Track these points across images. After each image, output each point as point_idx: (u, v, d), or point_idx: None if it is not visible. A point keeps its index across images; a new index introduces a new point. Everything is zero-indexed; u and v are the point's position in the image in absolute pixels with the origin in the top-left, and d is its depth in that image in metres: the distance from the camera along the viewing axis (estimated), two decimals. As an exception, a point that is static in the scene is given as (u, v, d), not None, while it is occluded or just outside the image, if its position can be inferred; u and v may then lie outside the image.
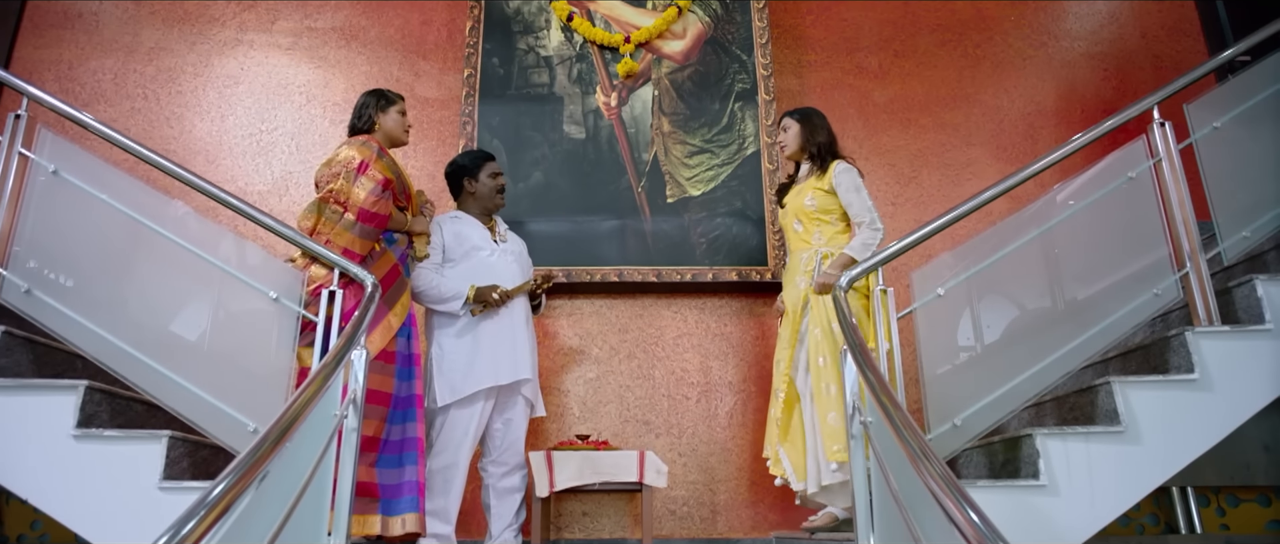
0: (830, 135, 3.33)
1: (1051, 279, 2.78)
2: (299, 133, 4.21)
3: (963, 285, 2.75)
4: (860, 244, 3.06)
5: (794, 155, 3.38)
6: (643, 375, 3.84)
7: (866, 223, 3.10)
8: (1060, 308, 2.76)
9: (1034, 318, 2.75)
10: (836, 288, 2.72)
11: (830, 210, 3.18)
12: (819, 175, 3.23)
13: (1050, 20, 4.51)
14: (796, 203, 3.26)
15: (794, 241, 3.29)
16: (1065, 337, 2.64)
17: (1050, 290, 2.78)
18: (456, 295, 3.07)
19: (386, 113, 3.05)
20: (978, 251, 2.81)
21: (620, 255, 3.87)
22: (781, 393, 3.13)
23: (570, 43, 4.22)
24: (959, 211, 2.79)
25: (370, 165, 2.81)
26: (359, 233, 2.75)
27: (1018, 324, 2.76)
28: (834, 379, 2.92)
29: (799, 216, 3.25)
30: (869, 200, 3.14)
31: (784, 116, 3.44)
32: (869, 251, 3.00)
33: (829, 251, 3.12)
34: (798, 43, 4.40)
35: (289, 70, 4.31)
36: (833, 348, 2.95)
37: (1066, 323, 2.70)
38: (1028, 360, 2.62)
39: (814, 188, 3.21)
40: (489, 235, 3.26)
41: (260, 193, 4.09)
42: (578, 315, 3.92)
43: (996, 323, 2.76)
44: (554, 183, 3.98)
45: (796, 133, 3.33)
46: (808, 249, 3.19)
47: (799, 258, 3.21)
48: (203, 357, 2.58)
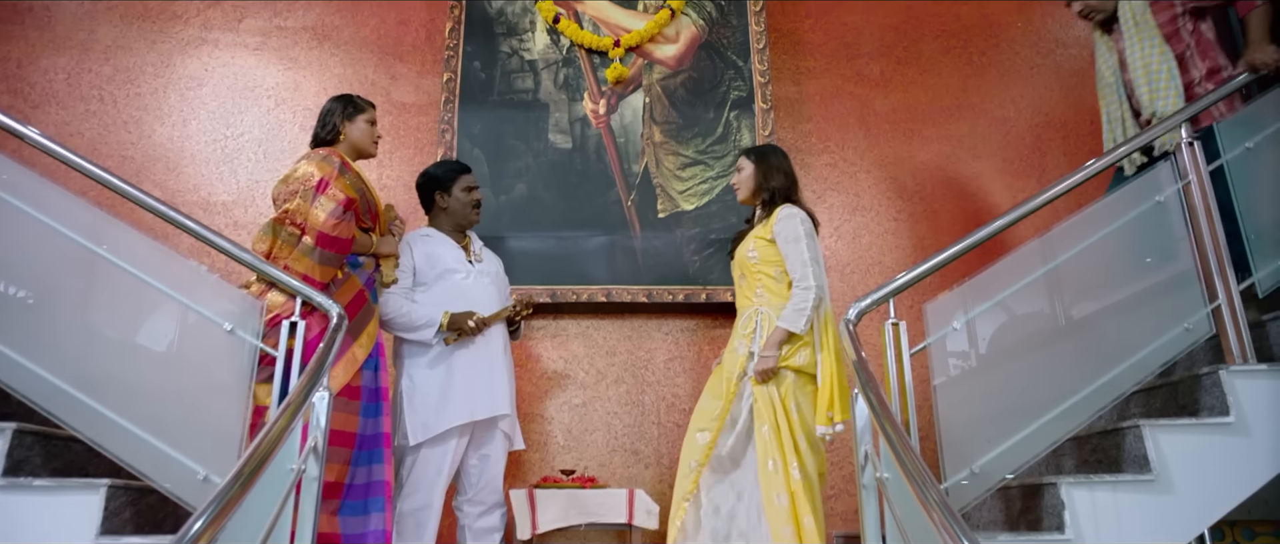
0: (788, 179, 2.97)
1: (1073, 311, 2.58)
2: (267, 139, 3.95)
3: (978, 318, 2.55)
4: (792, 311, 2.71)
5: (747, 200, 3.03)
6: (632, 402, 3.62)
7: (797, 279, 2.75)
8: (1083, 343, 2.56)
9: (1055, 353, 2.55)
10: (845, 320, 2.52)
11: (773, 262, 2.83)
12: (765, 222, 2.90)
13: (1058, 27, 4.32)
14: (740, 254, 2.94)
15: (740, 298, 2.95)
16: (1090, 374, 2.44)
17: (1072, 324, 2.58)
18: (429, 323, 2.83)
19: (353, 122, 2.81)
20: (994, 281, 2.60)
21: (608, 274, 3.64)
22: (708, 434, 2.75)
23: (556, 46, 3.99)
24: (976, 238, 2.59)
25: (330, 183, 2.56)
26: (318, 259, 2.51)
27: (1037, 360, 2.56)
28: (784, 486, 2.59)
29: (742, 269, 2.92)
30: (808, 253, 2.76)
31: (740, 156, 3.12)
32: (803, 319, 2.68)
33: (769, 313, 2.78)
34: (796, 48, 4.19)
35: (256, 72, 4.05)
36: (781, 449, 2.62)
37: (1090, 359, 2.50)
38: (1050, 400, 2.42)
39: (757, 236, 2.88)
40: (463, 255, 3.02)
41: (224, 203, 3.83)
42: (562, 337, 3.70)
43: (1015, 359, 2.56)
44: (538, 196, 3.75)
45: (750, 174, 2.98)
46: (748, 307, 2.86)
47: (743, 316, 2.87)
48: (148, 395, 2.34)
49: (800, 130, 4.05)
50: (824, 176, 3.99)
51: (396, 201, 3.82)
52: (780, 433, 2.64)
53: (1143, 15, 2.97)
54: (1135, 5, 2.99)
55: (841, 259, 3.87)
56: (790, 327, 2.69)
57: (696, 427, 2.79)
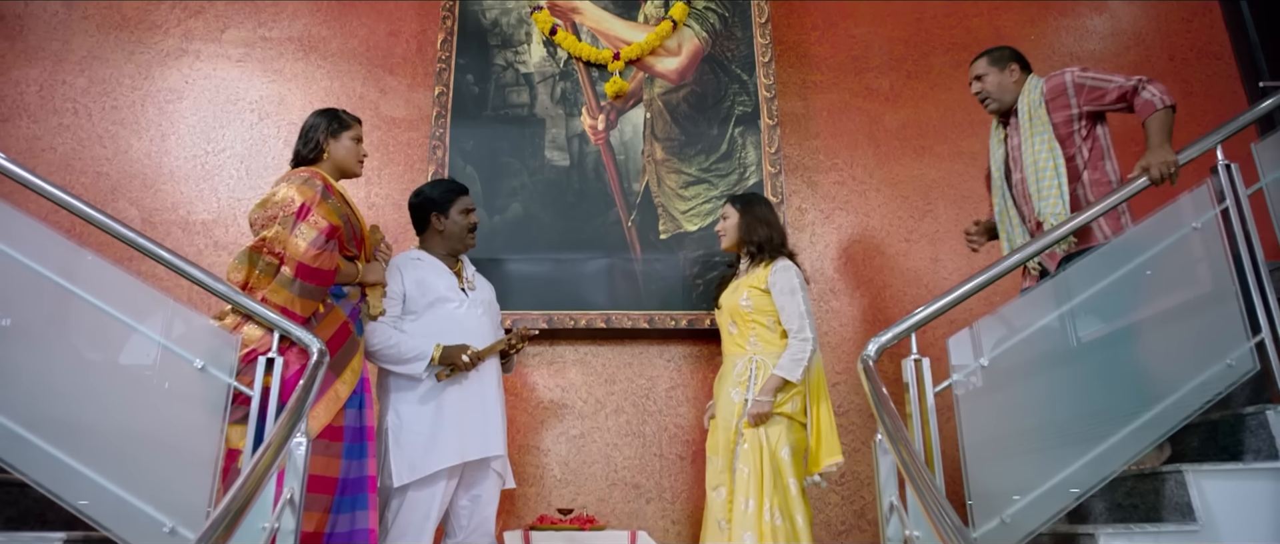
0: (773, 230, 3.04)
1: (1106, 346, 2.41)
2: (249, 155, 3.77)
3: (1007, 354, 2.38)
4: (789, 360, 2.79)
5: (730, 248, 3.11)
6: (632, 432, 3.44)
7: (793, 330, 2.83)
8: (1118, 380, 2.40)
9: (1088, 391, 2.38)
10: (864, 357, 2.36)
11: (767, 312, 2.90)
12: (754, 271, 2.97)
13: (1072, 41, 4.17)
14: (731, 301, 2.98)
15: (729, 345, 3.00)
16: (1127, 414, 2.28)
17: (1105, 359, 2.41)
18: (419, 356, 2.65)
19: (338, 139, 2.63)
20: (1022, 313, 2.44)
21: (608, 298, 3.47)
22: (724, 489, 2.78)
23: (553, 59, 3.82)
24: (1005, 266, 2.43)
25: (312, 209, 2.38)
26: (299, 291, 2.33)
27: (1069, 398, 2.39)
28: (754, 526, 2.63)
29: (733, 317, 2.96)
30: (804, 306, 2.86)
31: (725, 202, 3.16)
32: (800, 369, 2.77)
33: (764, 361, 2.83)
34: (802, 62, 4.03)
35: (239, 84, 3.87)
36: (760, 490, 2.67)
37: (1127, 397, 2.34)
38: (1084, 443, 2.26)
39: (749, 286, 2.94)
40: (456, 282, 2.85)
41: (204, 222, 3.65)
42: (559, 364, 3.52)
43: (1045, 397, 2.39)
44: (534, 215, 3.58)
45: (735, 224, 3.06)
46: (742, 355, 2.90)
47: (732, 365, 2.91)
48: (110, 437, 2.15)
49: (807, 147, 3.89)
50: (832, 195, 3.83)
51: (386, 222, 3.65)
52: (763, 476, 2.68)
53: (1038, 111, 2.74)
54: (1032, 100, 2.77)
55: (850, 282, 3.71)
56: (788, 376, 2.76)
57: (711, 484, 2.82)
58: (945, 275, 3.73)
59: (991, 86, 2.88)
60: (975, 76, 2.93)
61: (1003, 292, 3.31)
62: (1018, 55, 2.92)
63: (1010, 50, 2.92)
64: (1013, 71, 2.87)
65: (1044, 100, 2.75)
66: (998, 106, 2.88)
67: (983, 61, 2.92)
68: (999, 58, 2.90)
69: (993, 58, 2.91)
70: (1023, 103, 2.80)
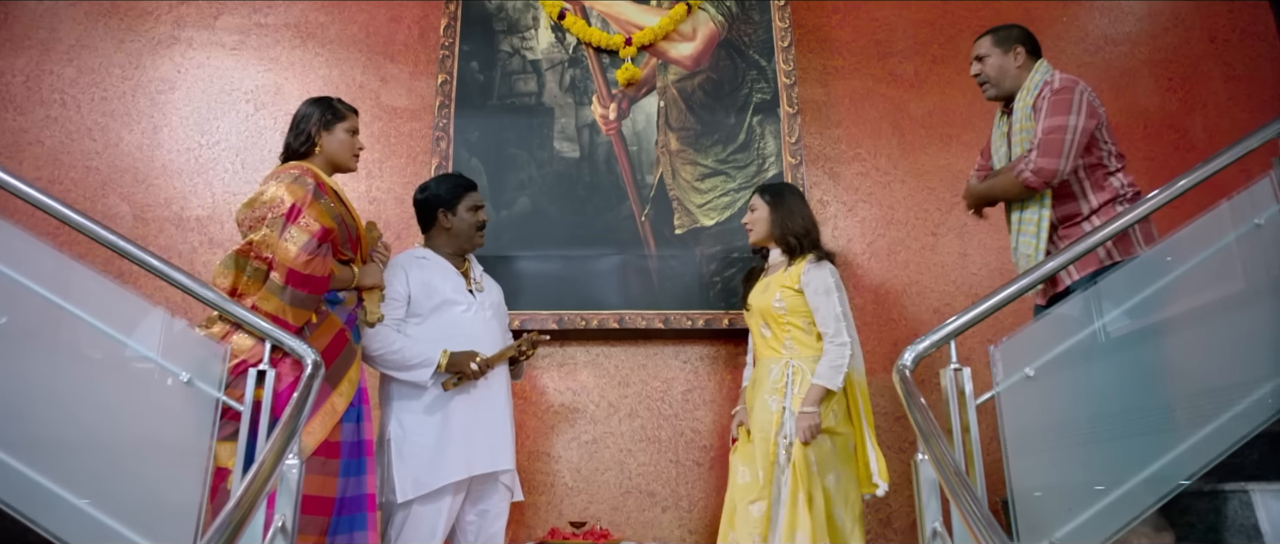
0: (808, 221, 2.84)
1: (1165, 351, 2.23)
2: (245, 147, 3.61)
3: (1054, 362, 2.20)
4: (829, 367, 2.59)
5: (760, 242, 2.89)
6: (647, 437, 3.28)
7: (829, 335, 2.63)
8: (1175, 391, 2.22)
9: (1145, 401, 2.20)
10: (900, 366, 2.18)
11: (802, 313, 2.70)
12: (788, 268, 2.76)
13: (1107, 23, 3.97)
14: (763, 301, 2.77)
15: (762, 349, 2.79)
16: (1184, 429, 2.11)
17: (1164, 365, 2.24)
18: (425, 362, 2.49)
19: (331, 131, 2.46)
20: (1071, 319, 2.26)
21: (621, 297, 3.30)
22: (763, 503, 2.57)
23: (562, 45, 3.64)
24: (1055, 264, 2.25)
25: (303, 210, 2.21)
26: (289, 299, 2.16)
27: (1125, 408, 2.21)
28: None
29: (766, 319, 2.76)
30: (841, 307, 2.66)
31: (753, 194, 2.95)
32: (840, 376, 2.57)
33: (801, 366, 2.65)
34: (823, 46, 3.83)
35: (234, 73, 3.70)
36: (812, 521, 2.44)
37: (1184, 410, 2.17)
38: (1142, 457, 2.09)
39: (783, 285, 2.73)
40: (463, 283, 2.69)
41: (198, 218, 3.49)
42: (570, 366, 3.35)
43: (1099, 407, 2.21)
44: (542, 210, 3.41)
45: (765, 216, 2.85)
46: (777, 360, 2.71)
47: (768, 370, 2.71)
48: (89, 457, 2.00)
49: (828, 136, 3.71)
50: (855, 187, 3.65)
51: (386, 219, 3.48)
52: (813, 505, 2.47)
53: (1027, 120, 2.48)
54: (1025, 103, 2.49)
55: (875, 278, 3.53)
56: (830, 384, 2.57)
57: (746, 498, 2.58)
58: (974, 271, 3.55)
59: (992, 70, 2.60)
60: (976, 56, 2.65)
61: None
62: (1027, 37, 2.62)
63: (1019, 30, 2.64)
64: (1018, 55, 2.58)
65: (1034, 105, 2.47)
66: (996, 93, 2.62)
67: (986, 40, 2.64)
68: (1004, 38, 2.61)
69: (997, 37, 2.62)
70: (1020, 99, 2.53)
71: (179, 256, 3.42)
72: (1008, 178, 2.45)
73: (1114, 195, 2.47)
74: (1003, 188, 2.49)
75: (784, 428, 2.58)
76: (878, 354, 3.43)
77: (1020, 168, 2.39)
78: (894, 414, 3.36)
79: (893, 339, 3.45)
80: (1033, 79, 2.54)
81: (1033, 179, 2.37)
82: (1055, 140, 2.36)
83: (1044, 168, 2.35)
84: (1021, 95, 2.55)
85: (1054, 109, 2.41)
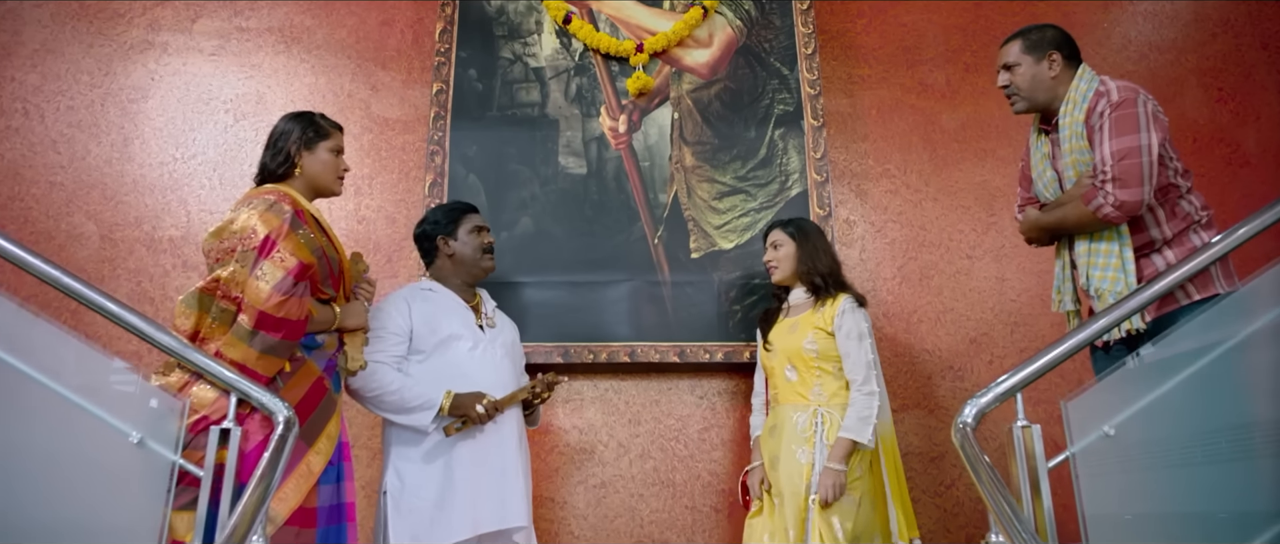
0: (832, 259, 2.70)
1: (1265, 406, 1.96)
2: (223, 161, 3.33)
3: (1136, 419, 1.92)
4: (857, 419, 2.39)
5: (786, 280, 2.69)
6: (661, 481, 3.00)
7: (858, 382, 2.45)
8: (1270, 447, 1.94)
9: (1241, 470, 1.93)
10: (961, 423, 1.90)
11: (833, 357, 2.51)
12: (819, 309, 2.57)
13: (1151, 29, 3.70)
14: (790, 343, 2.54)
15: (785, 393, 2.54)
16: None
17: (1256, 423, 1.96)
18: (426, 405, 2.23)
19: (313, 150, 2.19)
20: (1152, 370, 1.98)
21: (632, 328, 3.02)
22: None
23: (567, 52, 3.36)
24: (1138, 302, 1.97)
25: (278, 243, 1.93)
26: (260, 346, 1.88)
27: (1216, 479, 1.93)
28: None
29: (793, 361, 2.53)
30: (872, 354, 2.49)
31: (773, 228, 2.72)
32: (870, 429, 2.37)
33: (831, 414, 2.45)
34: (848, 53, 3.56)
35: (213, 81, 3.42)
36: None
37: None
38: (1236, 532, 1.81)
39: (816, 327, 2.53)
40: (472, 318, 2.43)
41: (171, 239, 3.21)
42: (577, 402, 3.07)
43: (1185, 477, 1.94)
44: (546, 232, 3.13)
45: (792, 253, 2.66)
46: (805, 408, 2.49)
47: (791, 419, 2.48)
48: (22, 531, 1.72)
49: (855, 151, 3.43)
50: (884, 206, 3.37)
51: (376, 240, 3.20)
52: None
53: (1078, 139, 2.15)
54: (1074, 119, 2.16)
55: (906, 305, 3.25)
56: (859, 438, 2.37)
57: None
58: (1012, 297, 3.28)
59: (1022, 80, 2.25)
60: (1003, 64, 2.31)
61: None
62: (1063, 39, 2.27)
63: (1053, 31, 2.29)
64: (1053, 62, 2.23)
65: (1087, 121, 2.14)
66: (1026, 106, 2.29)
67: (1015, 46, 2.29)
68: (1036, 42, 2.26)
69: (1028, 42, 2.27)
70: (1067, 114, 2.19)
71: (150, 280, 3.14)
72: (1080, 211, 2.15)
73: (1188, 223, 2.19)
74: (1077, 221, 2.18)
75: (814, 484, 2.35)
76: (910, 388, 3.16)
77: (1098, 202, 2.10)
78: (929, 455, 3.08)
79: (925, 372, 3.18)
80: (1078, 89, 2.20)
81: (1115, 215, 2.09)
82: (1132, 166, 2.07)
83: (1127, 202, 2.07)
84: (1067, 109, 2.21)
85: (1120, 127, 2.11)
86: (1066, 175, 2.24)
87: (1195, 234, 2.19)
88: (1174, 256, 2.17)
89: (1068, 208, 2.20)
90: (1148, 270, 2.19)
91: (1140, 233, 2.19)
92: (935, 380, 3.17)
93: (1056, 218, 2.24)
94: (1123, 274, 2.15)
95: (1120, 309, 1.98)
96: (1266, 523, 1.79)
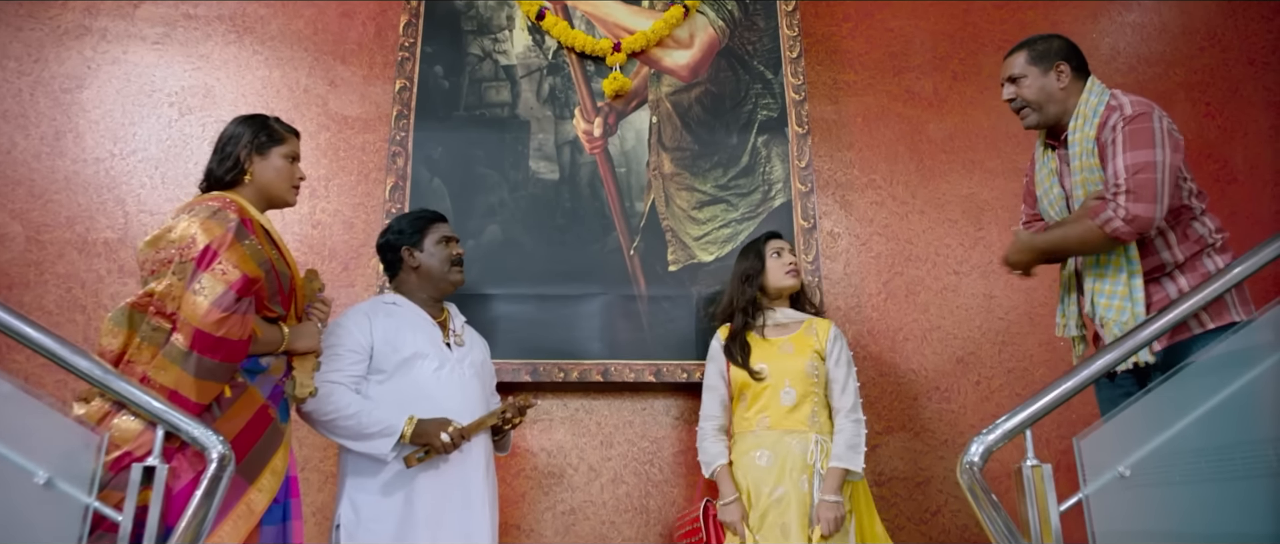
0: None
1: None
2: (166, 159, 3.08)
3: (1152, 459, 1.79)
4: (847, 448, 2.31)
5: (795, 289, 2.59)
6: (634, 507, 2.83)
7: (847, 409, 2.38)
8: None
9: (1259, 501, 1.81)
10: (968, 463, 1.76)
11: (824, 381, 2.43)
12: (809, 331, 2.47)
13: (1139, 41, 3.61)
14: (793, 366, 2.38)
15: (780, 419, 2.36)
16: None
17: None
18: (386, 431, 2.05)
19: (266, 156, 1.99)
20: (1169, 404, 1.86)
21: (605, 344, 2.84)
22: None
23: (540, 49, 3.17)
24: (1140, 340, 1.84)
25: (220, 254, 1.73)
26: (195, 370, 1.67)
27: (1232, 514, 1.81)
28: None
29: (795, 383, 2.37)
30: (858, 380, 2.47)
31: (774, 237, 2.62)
32: (861, 456, 2.31)
33: (826, 443, 2.35)
34: (833, 58, 3.42)
35: (157, 71, 3.18)
36: None
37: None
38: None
39: (813, 349, 2.42)
40: (438, 335, 2.25)
41: (107, 242, 2.96)
42: (546, 423, 2.89)
43: (1203, 513, 1.81)
44: (516, 240, 2.94)
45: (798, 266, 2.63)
46: (799, 434, 2.34)
47: (790, 447, 2.32)
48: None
49: (839, 160, 3.29)
50: (869, 218, 3.23)
51: (331, 247, 2.99)
52: None
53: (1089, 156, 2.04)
54: (1084, 134, 2.05)
55: (892, 323, 3.12)
56: (852, 466, 2.29)
57: None
58: (1001, 315, 3.16)
59: (1032, 93, 2.13)
60: (1008, 77, 2.19)
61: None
62: (1070, 50, 2.16)
63: (1060, 41, 2.17)
64: (1062, 73, 2.11)
65: (1099, 135, 2.03)
66: (1037, 120, 2.16)
67: (1020, 57, 2.17)
68: (1043, 53, 2.14)
69: (1035, 52, 2.15)
70: (1077, 128, 2.08)
71: (81, 287, 2.89)
72: (1085, 228, 2.02)
73: (1201, 246, 2.07)
74: (1079, 240, 2.05)
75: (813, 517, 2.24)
76: (895, 409, 3.02)
77: (1106, 216, 1.97)
78: (914, 480, 2.95)
79: (911, 393, 3.05)
80: (1088, 103, 2.09)
81: (1126, 231, 1.95)
82: (1146, 181, 1.95)
83: (1140, 216, 1.93)
84: (1077, 123, 2.09)
85: (1134, 141, 1.99)
86: (1074, 194, 2.12)
87: (1208, 258, 2.08)
88: (1187, 282, 2.05)
89: (1069, 226, 2.06)
90: (1157, 297, 2.08)
91: (1150, 256, 2.07)
92: (921, 402, 3.04)
93: (1056, 238, 2.11)
94: (1129, 303, 2.03)
95: (1132, 341, 1.85)
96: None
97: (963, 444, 2.99)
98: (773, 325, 2.50)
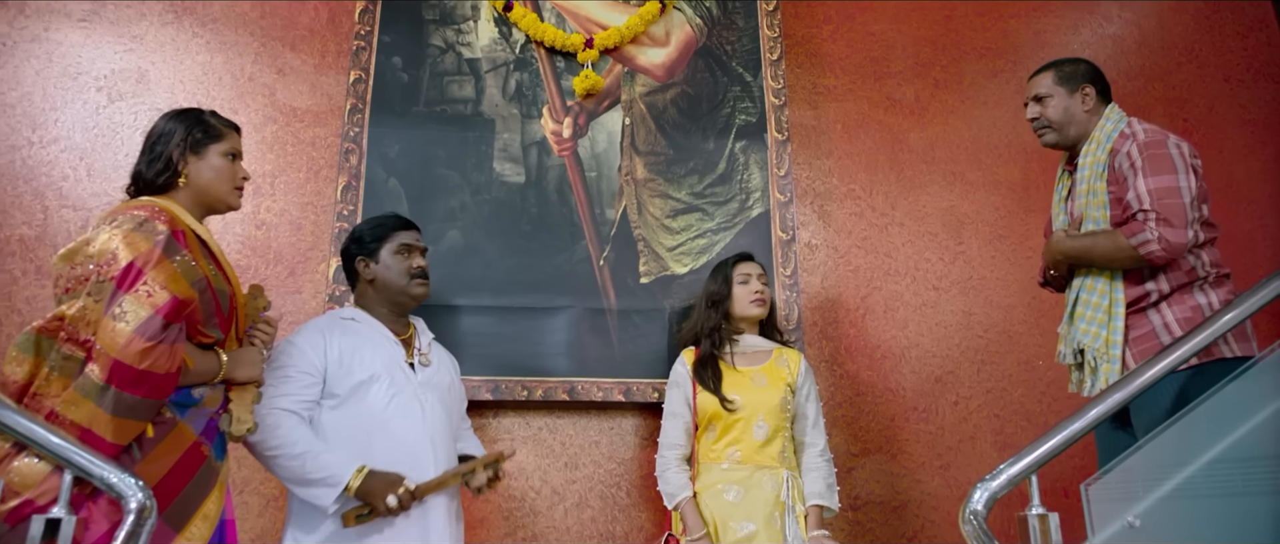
0: None
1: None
2: (93, 149, 2.82)
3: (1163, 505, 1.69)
4: (825, 486, 2.25)
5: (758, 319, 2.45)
6: (600, 533, 2.67)
7: (819, 448, 2.31)
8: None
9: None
10: (970, 512, 1.63)
11: (791, 417, 2.34)
12: (779, 361, 2.37)
13: (1119, 54, 3.55)
14: (767, 399, 2.26)
15: (752, 453, 2.24)
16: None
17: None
18: (330, 481, 1.82)
19: (202, 155, 1.77)
20: (1173, 446, 1.76)
21: (572, 361, 2.67)
22: None
23: (507, 43, 2.97)
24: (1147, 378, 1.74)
25: (145, 271, 1.51)
26: (112, 406, 1.45)
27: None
28: None
29: (768, 417, 2.25)
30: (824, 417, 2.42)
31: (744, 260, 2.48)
32: (836, 495, 2.26)
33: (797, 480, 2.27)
34: (813, 61, 3.29)
35: (83, 52, 2.90)
36: None
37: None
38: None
39: (785, 382, 2.31)
40: (400, 354, 2.04)
41: (23, 240, 2.69)
42: (506, 442, 2.71)
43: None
44: (477, 248, 2.74)
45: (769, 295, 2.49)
46: (771, 470, 2.23)
47: (758, 482, 2.20)
48: None
49: (818, 168, 3.16)
50: (848, 230, 3.11)
51: (278, 249, 2.76)
52: None
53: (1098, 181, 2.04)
54: (1097, 159, 2.06)
55: (870, 339, 3.01)
56: (831, 505, 2.24)
57: None
58: (979, 333, 3.07)
59: (1056, 113, 2.15)
60: (1034, 96, 2.20)
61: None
62: (1095, 74, 2.19)
63: (1087, 66, 2.20)
64: (1086, 97, 2.14)
65: (1108, 162, 2.03)
66: (1056, 140, 2.17)
67: (1047, 77, 2.19)
68: (1070, 75, 2.17)
69: (1062, 74, 2.18)
70: (1089, 153, 2.08)
71: (-6, 289, 2.62)
72: (1115, 243, 1.97)
73: (1192, 278, 2.01)
74: (1105, 252, 2.00)
75: None
76: (872, 430, 2.91)
77: (1144, 237, 1.91)
78: (891, 505, 2.85)
79: (888, 413, 2.94)
80: (1103, 129, 2.09)
81: (1161, 255, 1.91)
82: (1175, 206, 1.91)
83: (1174, 243, 1.90)
84: (1090, 148, 2.10)
85: (1155, 167, 1.96)
86: (1077, 218, 2.07)
87: (1200, 292, 2.01)
88: (1172, 315, 2.00)
89: (1100, 236, 2.02)
90: (1141, 327, 2.03)
91: (1135, 285, 2.01)
92: (899, 422, 2.94)
93: (1084, 245, 2.06)
94: (1106, 330, 2.01)
95: (1138, 381, 1.75)
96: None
97: (941, 467, 2.91)
98: (741, 354, 2.36)
